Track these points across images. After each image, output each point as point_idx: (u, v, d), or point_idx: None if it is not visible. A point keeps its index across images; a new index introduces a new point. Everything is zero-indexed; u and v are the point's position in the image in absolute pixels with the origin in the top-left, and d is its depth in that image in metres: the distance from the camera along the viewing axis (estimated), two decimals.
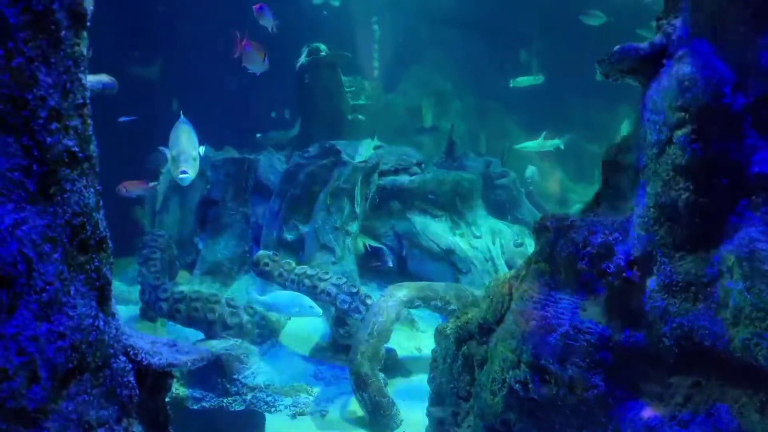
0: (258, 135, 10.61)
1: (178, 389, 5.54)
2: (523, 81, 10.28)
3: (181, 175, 4.74)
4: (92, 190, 1.75)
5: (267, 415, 5.43)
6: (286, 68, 9.62)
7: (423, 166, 8.59)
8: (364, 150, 7.48)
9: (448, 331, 4.06)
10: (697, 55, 2.56)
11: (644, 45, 2.82)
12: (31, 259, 1.52)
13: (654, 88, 2.71)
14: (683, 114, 2.55)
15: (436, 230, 7.80)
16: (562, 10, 10.25)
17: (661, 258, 2.69)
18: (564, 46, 10.27)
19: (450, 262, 7.51)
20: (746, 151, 2.49)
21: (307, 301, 5.73)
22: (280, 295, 5.95)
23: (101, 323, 1.75)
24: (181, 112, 5.10)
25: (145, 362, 1.94)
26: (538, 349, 2.97)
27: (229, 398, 5.65)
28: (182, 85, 9.58)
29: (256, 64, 6.31)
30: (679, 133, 2.57)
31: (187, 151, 4.75)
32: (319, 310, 5.77)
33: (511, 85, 10.28)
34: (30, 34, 1.51)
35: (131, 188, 7.09)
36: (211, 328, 6.04)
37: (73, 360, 1.62)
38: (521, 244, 8.07)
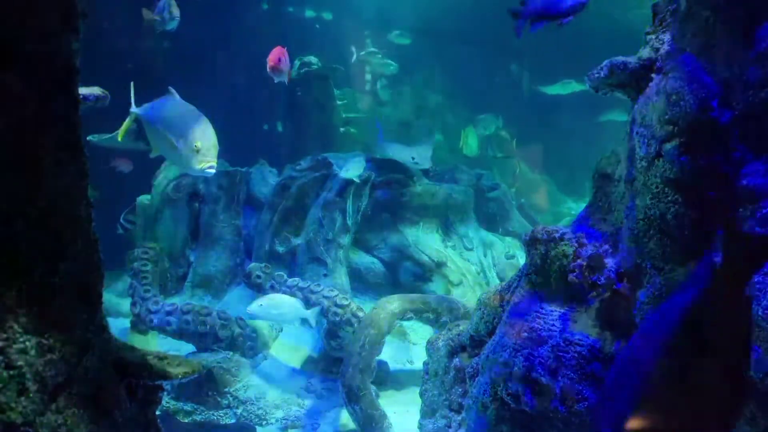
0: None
1: (168, 402, 5.50)
2: (555, 89, 10.25)
3: (209, 170, 4.04)
4: (84, 202, 1.76)
5: (258, 428, 5.40)
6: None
7: (415, 179, 8.61)
8: (356, 163, 7.49)
9: (440, 344, 4.07)
10: (685, 70, 2.59)
11: (633, 59, 2.85)
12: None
13: (642, 102, 2.74)
14: (671, 127, 2.57)
15: (428, 242, 7.82)
16: (553, 24, 10.33)
17: (650, 270, 2.70)
18: (554, 59, 10.34)
19: (442, 275, 7.51)
20: (734, 164, 2.51)
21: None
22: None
23: (91, 336, 1.74)
24: (170, 88, 4.27)
25: (135, 375, 1.93)
26: (529, 361, 2.97)
27: (220, 412, 5.61)
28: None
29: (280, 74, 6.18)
30: (667, 146, 2.59)
31: (211, 139, 4.03)
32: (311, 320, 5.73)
33: (549, 93, 10.26)
34: None
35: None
36: (202, 340, 6.01)
37: (63, 373, 1.61)
38: (513, 257, 8.10)
